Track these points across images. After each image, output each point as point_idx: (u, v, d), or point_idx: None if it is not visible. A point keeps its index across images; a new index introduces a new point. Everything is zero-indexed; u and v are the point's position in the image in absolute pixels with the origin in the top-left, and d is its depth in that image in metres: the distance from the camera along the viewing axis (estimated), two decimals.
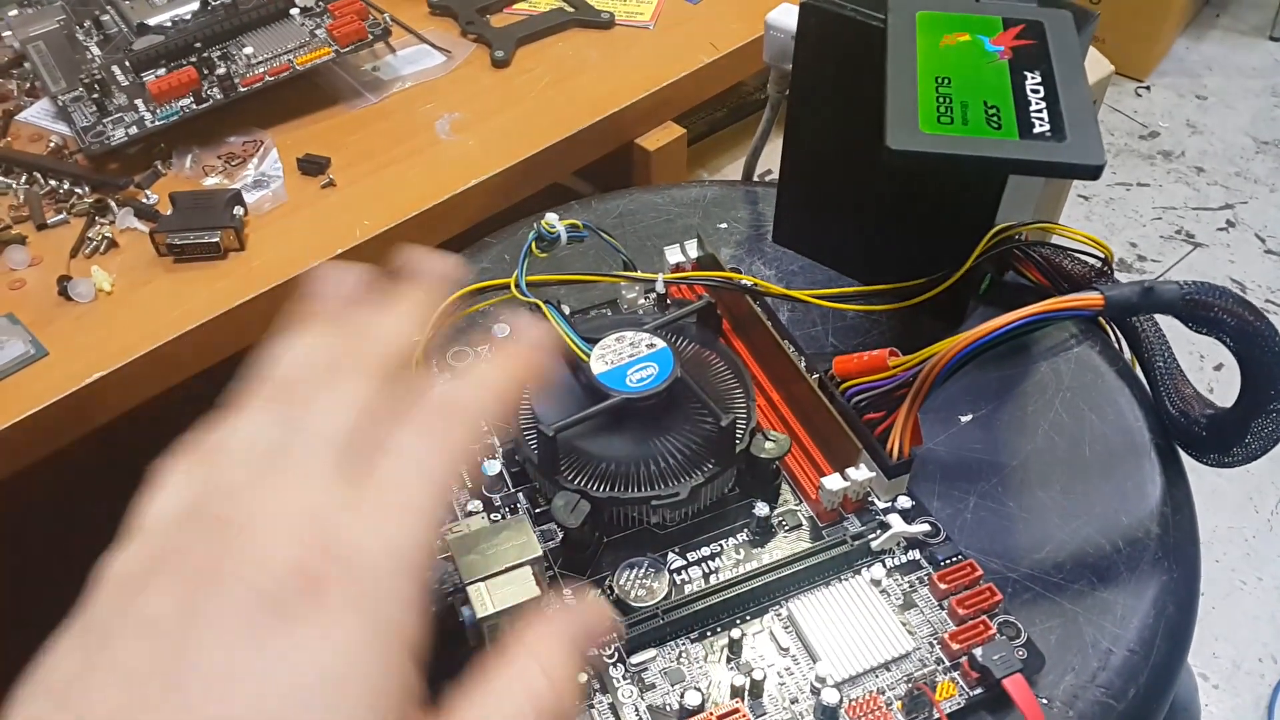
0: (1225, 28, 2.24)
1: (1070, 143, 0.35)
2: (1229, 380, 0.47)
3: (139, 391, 0.54)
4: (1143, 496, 0.44)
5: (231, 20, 0.67)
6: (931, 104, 0.37)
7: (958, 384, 0.48)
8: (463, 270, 0.27)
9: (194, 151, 0.64)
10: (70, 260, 0.58)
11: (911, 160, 0.36)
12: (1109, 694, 0.38)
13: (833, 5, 0.46)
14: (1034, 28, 0.41)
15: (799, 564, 0.40)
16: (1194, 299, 0.38)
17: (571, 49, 0.73)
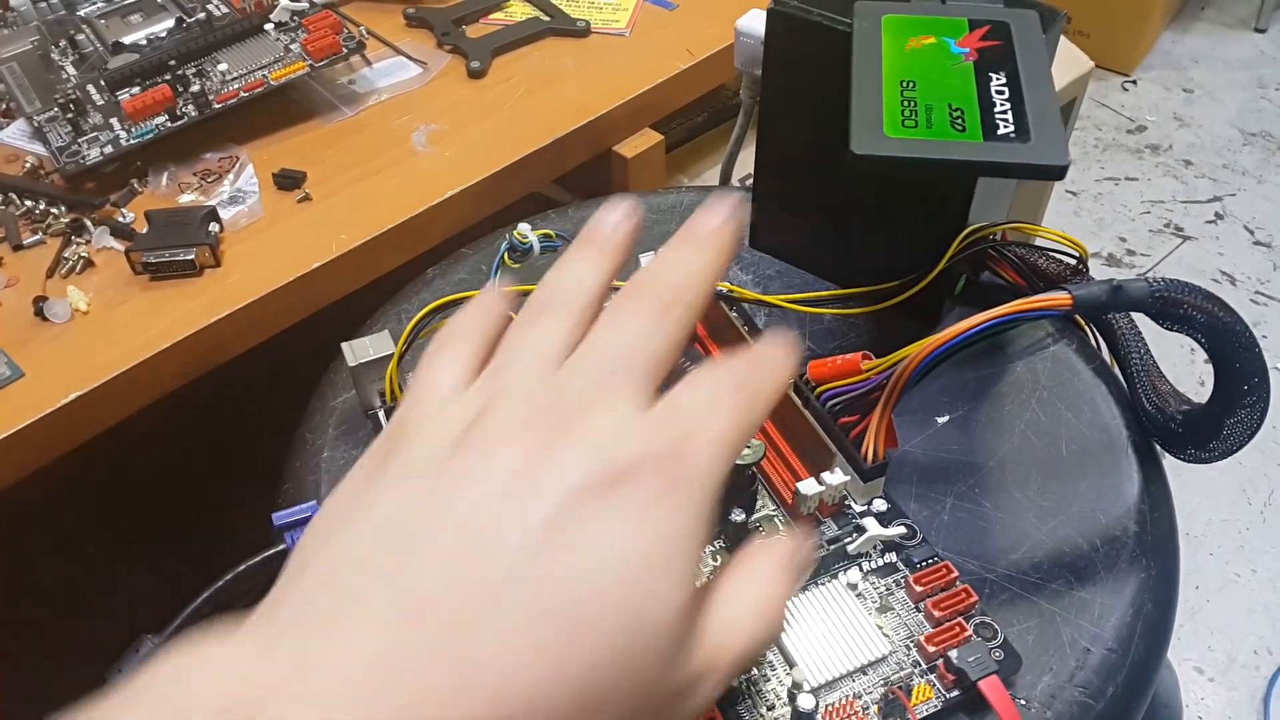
0: (1210, 20, 2.25)
1: (1034, 143, 0.35)
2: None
3: (117, 410, 0.54)
4: (1120, 494, 0.44)
5: (206, 37, 0.67)
6: (896, 108, 0.37)
7: (934, 385, 0.48)
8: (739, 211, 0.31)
9: (170, 169, 0.64)
10: (46, 281, 0.58)
11: (876, 164, 0.36)
12: (1087, 693, 0.38)
13: (800, 10, 0.46)
14: (999, 28, 0.41)
15: None
16: (1163, 296, 0.38)
17: (548, 58, 0.73)
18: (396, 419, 0.29)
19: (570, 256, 0.31)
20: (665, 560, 0.25)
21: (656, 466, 0.25)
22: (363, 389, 0.47)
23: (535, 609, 0.23)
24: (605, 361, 0.28)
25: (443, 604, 0.23)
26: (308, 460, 0.47)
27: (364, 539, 0.25)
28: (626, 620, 0.24)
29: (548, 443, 0.25)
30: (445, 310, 0.53)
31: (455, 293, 0.54)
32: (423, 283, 0.56)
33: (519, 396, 0.27)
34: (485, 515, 0.24)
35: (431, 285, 0.55)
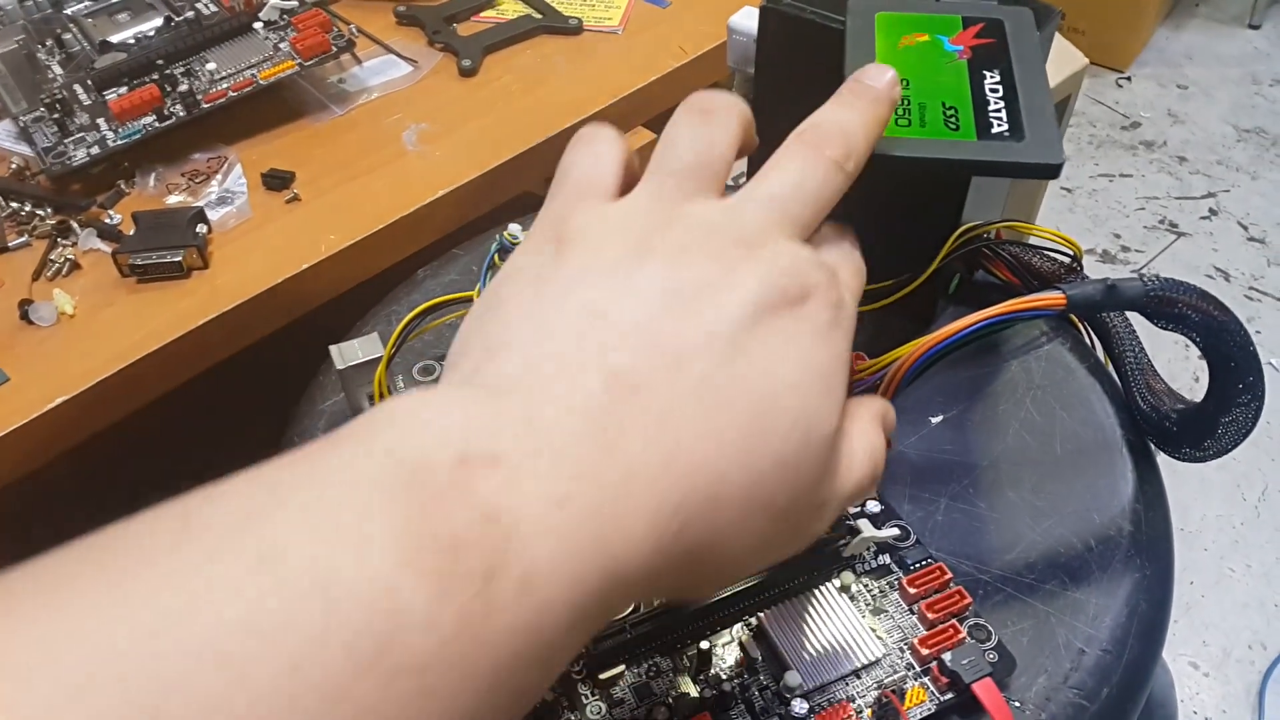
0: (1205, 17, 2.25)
1: (1029, 142, 0.35)
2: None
3: (104, 415, 0.54)
4: (1115, 494, 0.44)
5: (195, 36, 0.66)
6: None
7: (928, 385, 0.48)
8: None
9: (157, 170, 0.64)
10: (32, 284, 0.57)
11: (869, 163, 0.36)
12: (1082, 695, 0.38)
13: (793, 8, 0.46)
14: (994, 26, 0.40)
15: (767, 573, 0.39)
16: (1158, 295, 0.38)
17: (539, 56, 0.73)
18: (556, 212, 0.29)
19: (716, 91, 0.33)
20: (832, 381, 0.27)
21: (825, 299, 0.28)
22: (352, 392, 0.47)
23: (731, 404, 0.25)
24: (784, 199, 0.29)
25: (650, 388, 0.25)
26: None
27: (566, 322, 0.26)
28: (802, 427, 0.26)
29: (736, 262, 0.27)
30: (435, 312, 0.53)
31: (446, 294, 0.53)
32: (413, 284, 0.55)
33: (702, 217, 0.28)
34: (683, 317, 0.26)
35: (422, 286, 0.55)
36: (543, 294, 0.27)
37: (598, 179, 0.30)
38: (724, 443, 0.25)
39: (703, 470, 0.25)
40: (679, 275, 0.27)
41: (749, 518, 0.26)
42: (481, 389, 0.25)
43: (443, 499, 0.21)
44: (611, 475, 0.24)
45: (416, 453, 0.22)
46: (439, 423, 0.23)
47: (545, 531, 0.22)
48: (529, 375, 0.25)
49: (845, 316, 0.29)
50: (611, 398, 0.25)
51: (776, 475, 0.26)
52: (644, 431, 0.24)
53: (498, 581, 0.21)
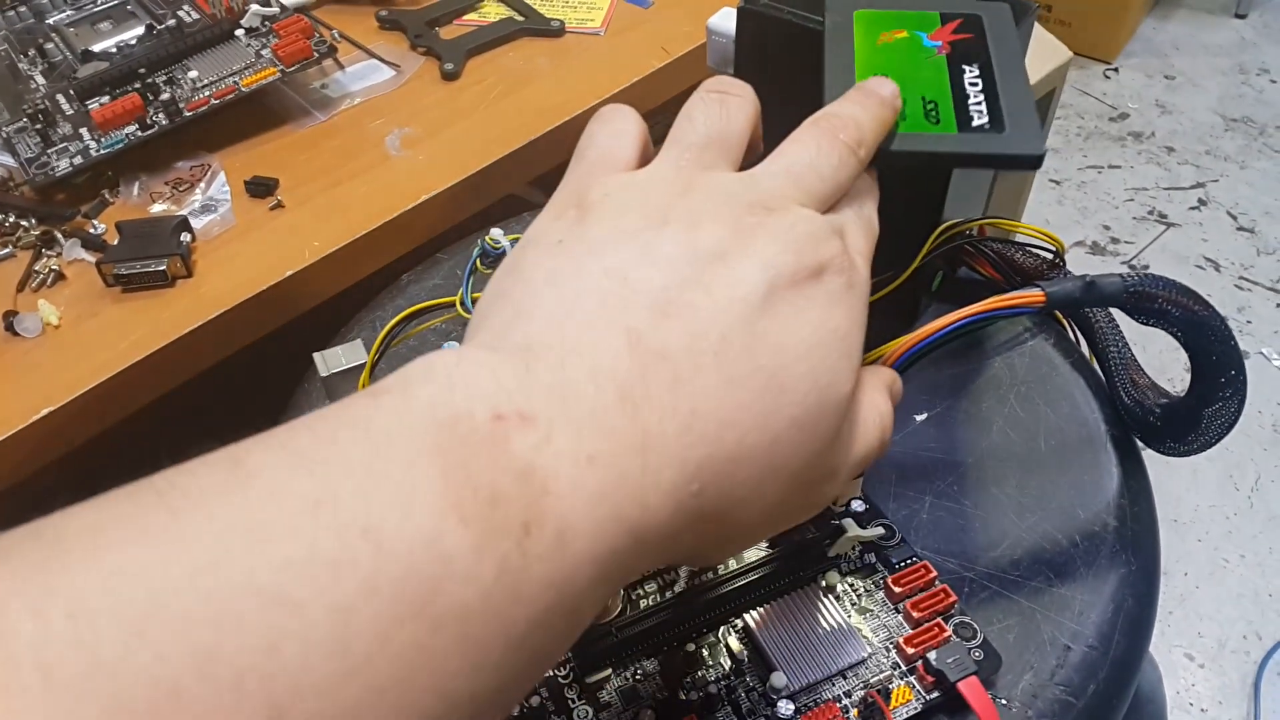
0: (1191, 7, 2.25)
1: (1010, 134, 0.35)
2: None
3: (90, 425, 0.53)
4: (1099, 489, 0.44)
5: (177, 44, 0.66)
6: None
7: (911, 383, 0.48)
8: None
9: (141, 179, 0.64)
10: (17, 295, 0.57)
11: None
12: (1068, 691, 0.38)
13: (770, 8, 0.46)
14: (972, 21, 0.40)
15: (753, 574, 0.39)
16: (1137, 291, 0.38)
17: (522, 59, 0.73)
18: (577, 182, 0.30)
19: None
20: (847, 347, 0.28)
21: (840, 265, 0.28)
22: (336, 399, 0.47)
23: (750, 368, 0.26)
24: (800, 174, 0.30)
25: (671, 352, 0.26)
26: None
27: (588, 286, 0.27)
28: (816, 393, 0.27)
29: (753, 229, 0.28)
30: (419, 317, 0.53)
31: (430, 299, 0.53)
32: (397, 289, 0.55)
33: (719, 184, 0.29)
34: (703, 283, 0.27)
35: (406, 291, 0.55)
36: (565, 259, 0.28)
37: (618, 152, 0.31)
38: (742, 405, 0.26)
39: (722, 432, 0.25)
40: (699, 241, 0.27)
41: (765, 480, 0.27)
42: (512, 351, 0.25)
43: (481, 453, 0.22)
44: (635, 437, 0.24)
45: (454, 408, 0.23)
46: (474, 380, 0.23)
47: (576, 488, 0.23)
48: (555, 339, 0.26)
49: (859, 280, 0.29)
50: (634, 361, 0.25)
51: (793, 437, 0.27)
52: (666, 394, 0.25)
53: (534, 534, 0.22)
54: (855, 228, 0.31)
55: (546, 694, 0.37)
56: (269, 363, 0.56)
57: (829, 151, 0.31)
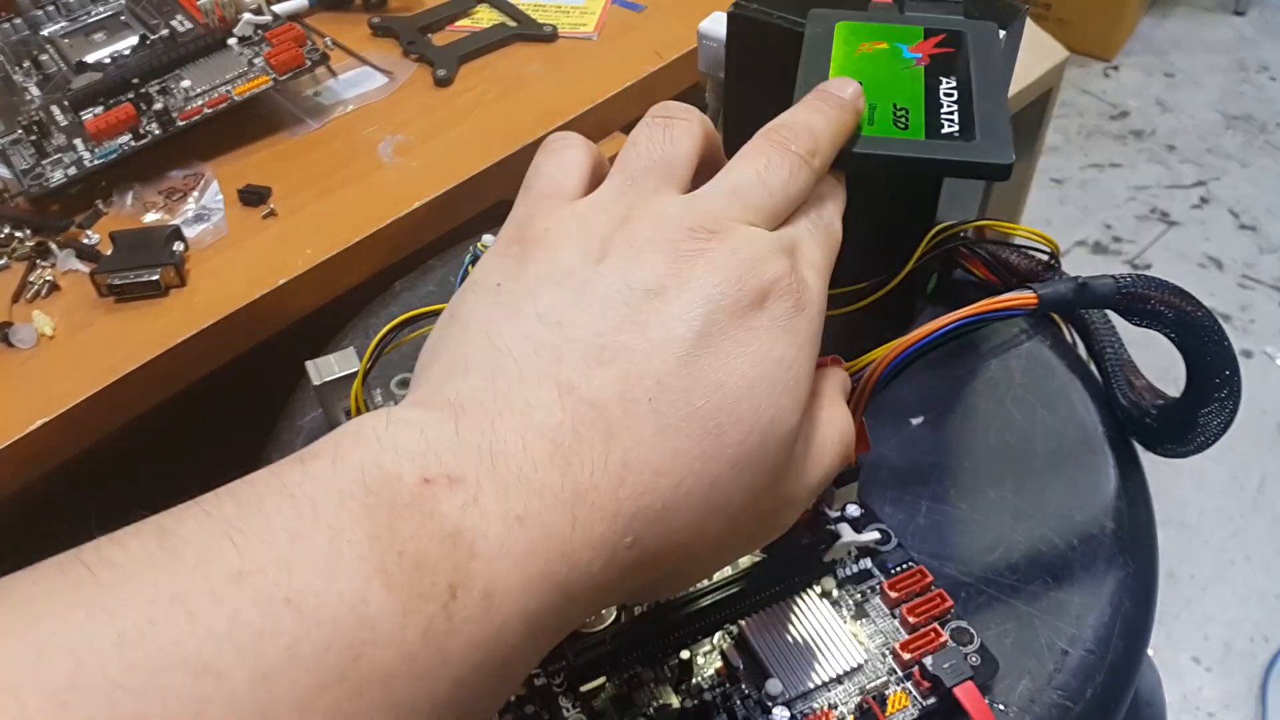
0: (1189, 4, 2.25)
1: (978, 143, 0.35)
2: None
3: (84, 436, 0.53)
4: (1096, 492, 0.44)
5: (170, 54, 0.66)
6: None
7: (907, 386, 0.48)
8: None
9: (135, 188, 0.64)
10: (12, 305, 0.57)
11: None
12: (1066, 696, 0.38)
13: (760, 13, 0.45)
14: (955, 38, 0.40)
15: (748, 580, 0.39)
16: (1130, 292, 0.38)
17: (515, 64, 0.73)
18: (521, 216, 0.30)
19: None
20: (793, 375, 0.27)
21: (787, 289, 0.28)
22: (329, 407, 0.47)
23: (686, 411, 0.26)
24: (747, 190, 0.30)
25: (604, 403, 0.25)
26: None
27: (523, 335, 0.27)
28: (760, 427, 0.27)
29: (692, 257, 0.27)
30: (412, 324, 0.52)
31: (423, 306, 0.53)
32: (390, 296, 0.55)
33: (659, 209, 0.29)
34: (637, 323, 0.26)
35: (399, 298, 0.55)
36: (502, 305, 0.28)
37: (564, 182, 0.31)
38: (678, 451, 0.25)
39: (656, 481, 0.25)
40: (635, 277, 0.27)
41: (706, 522, 0.26)
42: (443, 408, 0.25)
43: (408, 516, 0.22)
44: (566, 493, 0.24)
45: (383, 471, 0.23)
46: (404, 442, 0.24)
47: (503, 549, 0.23)
48: (487, 394, 0.25)
49: (809, 299, 0.29)
50: (566, 414, 0.25)
51: (734, 478, 0.26)
52: (598, 446, 0.25)
53: (461, 597, 0.22)
54: (811, 240, 0.31)
55: (541, 703, 0.37)
56: (262, 371, 0.56)
57: (778, 164, 0.30)
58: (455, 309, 0.29)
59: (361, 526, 0.22)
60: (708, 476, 0.26)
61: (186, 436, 0.61)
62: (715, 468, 0.26)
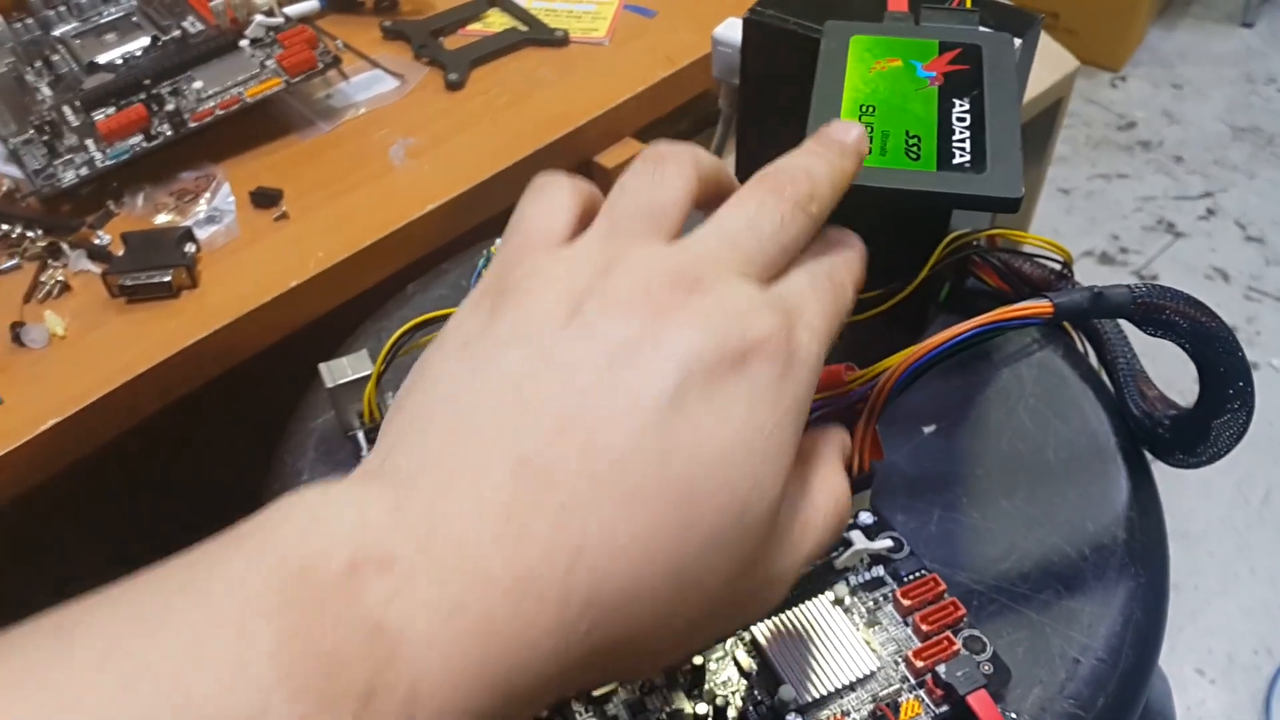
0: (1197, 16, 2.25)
1: (989, 175, 0.35)
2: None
3: (95, 436, 0.53)
4: (1108, 501, 0.44)
5: (182, 55, 0.66)
6: None
7: (920, 394, 0.47)
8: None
9: (146, 189, 0.64)
10: (23, 306, 0.57)
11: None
12: (1077, 705, 0.38)
13: (776, 19, 0.45)
14: (970, 52, 0.40)
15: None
16: (1145, 302, 0.38)
17: (526, 69, 0.73)
18: (502, 262, 0.28)
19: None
20: (774, 445, 0.25)
21: (773, 352, 0.26)
22: (342, 410, 0.47)
23: (655, 485, 0.23)
24: (736, 238, 0.28)
25: (560, 475, 0.23)
26: (286, 483, 0.47)
27: (482, 401, 0.25)
28: (737, 502, 0.24)
29: (670, 312, 0.25)
30: (425, 328, 0.52)
31: (435, 309, 0.53)
32: (402, 299, 0.55)
33: (642, 258, 0.27)
34: (605, 389, 0.24)
35: (411, 302, 0.55)
36: (467, 365, 0.26)
37: (546, 228, 0.29)
38: (641, 530, 0.23)
39: (615, 563, 0.23)
40: (608, 334, 0.25)
41: (675, 606, 0.24)
42: (387, 482, 0.24)
43: (327, 611, 0.20)
44: (511, 579, 0.22)
45: (308, 556, 0.21)
46: (334, 523, 0.22)
47: (434, 644, 0.21)
48: (437, 466, 0.24)
49: (799, 362, 0.26)
50: (519, 489, 0.23)
51: (706, 560, 0.24)
52: (550, 526, 0.23)
53: (379, 700, 0.20)
54: (812, 298, 0.28)
55: (554, 708, 0.37)
56: (274, 373, 0.56)
57: (771, 210, 0.28)
58: (423, 364, 0.27)
59: (274, 624, 0.20)
60: (677, 557, 0.24)
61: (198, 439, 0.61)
62: (686, 547, 0.24)
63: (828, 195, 0.30)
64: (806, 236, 0.29)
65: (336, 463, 0.47)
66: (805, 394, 0.27)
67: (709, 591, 0.25)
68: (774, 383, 0.25)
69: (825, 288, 0.29)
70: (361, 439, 0.47)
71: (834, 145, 0.32)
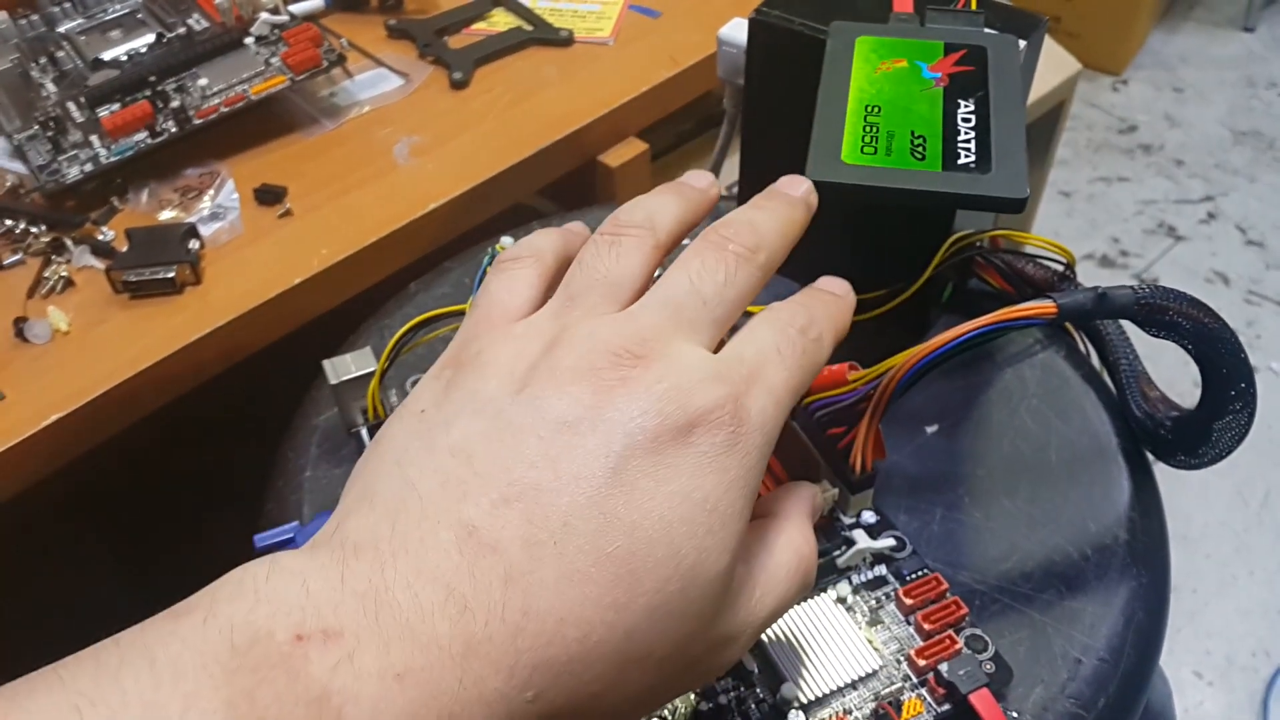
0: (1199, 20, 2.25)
1: (993, 175, 0.35)
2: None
3: (98, 432, 0.53)
4: (1110, 502, 0.44)
5: (186, 52, 0.66)
6: (858, 134, 0.37)
7: (923, 394, 0.48)
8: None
9: (150, 185, 0.64)
10: (27, 301, 0.57)
11: (830, 191, 0.36)
12: (1079, 704, 0.38)
13: (781, 19, 0.46)
14: (976, 53, 0.40)
15: None
16: (1148, 303, 0.38)
17: (531, 68, 0.73)
18: (462, 337, 0.29)
19: (654, 193, 0.32)
20: (719, 517, 0.25)
21: (718, 421, 0.26)
22: (345, 407, 0.47)
23: (596, 555, 0.24)
24: (679, 302, 0.28)
25: (505, 546, 0.24)
26: (290, 480, 0.47)
27: (431, 470, 0.25)
28: (681, 573, 0.25)
29: (613, 387, 0.26)
30: (428, 325, 0.53)
31: (438, 307, 0.53)
32: (405, 297, 0.55)
33: (587, 333, 0.27)
34: (549, 460, 0.25)
35: (414, 300, 0.55)
36: (419, 435, 0.27)
37: (507, 304, 0.29)
38: (585, 598, 0.24)
39: (561, 631, 0.23)
40: (552, 407, 0.26)
41: (623, 673, 0.24)
42: (335, 551, 0.24)
43: (273, 680, 0.21)
44: (456, 646, 0.22)
45: (254, 629, 0.22)
46: (282, 595, 0.22)
47: (378, 712, 0.21)
48: (385, 535, 0.24)
49: (749, 431, 0.26)
50: (463, 558, 0.23)
51: (653, 627, 0.24)
52: (495, 594, 0.23)
53: None
54: (775, 360, 0.28)
55: None
56: (277, 370, 0.56)
57: (713, 267, 0.29)
58: (382, 433, 0.28)
59: (220, 694, 0.20)
60: (621, 626, 0.24)
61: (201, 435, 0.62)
62: (629, 618, 0.24)
63: (776, 244, 0.31)
64: (757, 286, 0.30)
65: (339, 459, 0.47)
66: (757, 460, 0.27)
67: (659, 657, 0.25)
68: (720, 452, 0.26)
69: (794, 343, 0.29)
70: (365, 436, 0.47)
71: (780, 197, 0.32)
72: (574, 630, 0.23)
